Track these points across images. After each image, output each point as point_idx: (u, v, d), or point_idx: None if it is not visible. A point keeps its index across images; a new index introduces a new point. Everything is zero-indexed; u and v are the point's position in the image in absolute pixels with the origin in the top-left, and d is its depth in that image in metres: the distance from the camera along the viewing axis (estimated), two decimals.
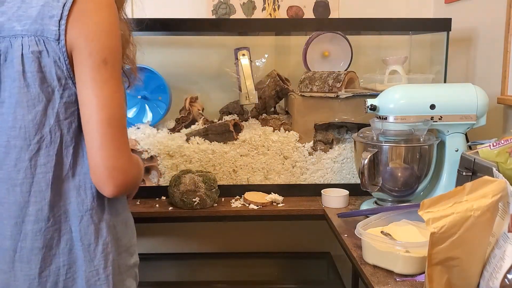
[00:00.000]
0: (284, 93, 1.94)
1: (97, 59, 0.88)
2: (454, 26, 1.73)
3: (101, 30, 0.89)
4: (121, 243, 1.04)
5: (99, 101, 0.89)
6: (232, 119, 1.80)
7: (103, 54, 0.89)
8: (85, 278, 0.98)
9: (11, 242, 0.96)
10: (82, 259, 0.98)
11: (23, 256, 0.96)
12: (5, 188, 0.95)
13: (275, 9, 2.21)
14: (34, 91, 0.91)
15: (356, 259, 1.22)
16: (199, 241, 2.36)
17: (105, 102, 0.89)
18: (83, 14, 0.89)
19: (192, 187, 1.62)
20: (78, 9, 0.89)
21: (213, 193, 1.65)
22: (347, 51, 1.95)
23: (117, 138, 0.90)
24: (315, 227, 2.29)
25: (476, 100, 1.46)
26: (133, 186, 1.04)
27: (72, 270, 0.98)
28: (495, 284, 0.91)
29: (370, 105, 1.47)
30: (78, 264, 0.98)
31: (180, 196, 1.62)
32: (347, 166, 1.78)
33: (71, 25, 0.89)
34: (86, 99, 0.89)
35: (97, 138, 0.89)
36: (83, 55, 0.89)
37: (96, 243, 0.98)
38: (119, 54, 0.93)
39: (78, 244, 0.97)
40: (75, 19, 0.89)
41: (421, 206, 0.93)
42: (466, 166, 1.25)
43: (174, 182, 1.64)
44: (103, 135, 0.89)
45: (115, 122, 0.90)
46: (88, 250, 0.98)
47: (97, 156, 0.90)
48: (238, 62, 1.79)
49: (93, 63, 0.89)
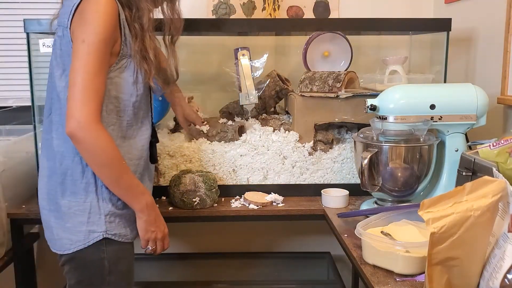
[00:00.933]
0: (284, 93, 1.94)
1: (78, 39, 1.20)
2: (454, 26, 1.73)
3: (85, 19, 1.21)
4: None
5: (72, 69, 1.20)
6: (238, 125, 1.80)
7: (82, 36, 1.20)
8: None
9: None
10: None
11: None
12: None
13: (275, 9, 2.21)
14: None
15: (356, 259, 1.22)
16: (199, 241, 2.36)
17: (75, 70, 1.19)
18: (81, 11, 1.22)
19: (192, 187, 1.62)
20: (80, 8, 1.23)
21: (213, 193, 1.65)
22: (347, 51, 1.95)
23: (78, 98, 1.17)
24: (315, 227, 2.29)
25: (476, 100, 1.46)
26: (85, 146, 1.20)
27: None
28: (495, 284, 0.91)
29: (370, 105, 1.47)
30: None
31: (180, 196, 1.62)
32: (347, 166, 1.78)
33: (74, 18, 1.23)
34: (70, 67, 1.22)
35: (68, 92, 1.19)
36: (74, 37, 1.23)
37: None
38: (99, 37, 1.20)
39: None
40: (77, 13, 1.23)
41: (421, 206, 0.93)
42: (466, 166, 1.25)
43: (174, 182, 1.64)
44: (71, 91, 1.19)
45: (79, 85, 1.18)
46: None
47: (67, 104, 1.19)
48: (238, 62, 1.79)
49: (75, 41, 1.21)
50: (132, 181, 1.29)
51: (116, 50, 1.27)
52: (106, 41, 1.21)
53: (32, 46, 1.68)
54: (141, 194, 1.30)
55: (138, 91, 1.32)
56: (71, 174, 1.27)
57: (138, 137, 1.36)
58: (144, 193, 1.31)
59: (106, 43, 1.22)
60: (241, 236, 2.35)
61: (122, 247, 1.32)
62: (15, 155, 1.77)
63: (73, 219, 1.27)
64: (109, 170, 1.24)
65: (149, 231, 1.33)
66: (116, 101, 1.29)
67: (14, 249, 1.69)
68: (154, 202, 1.34)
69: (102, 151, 1.21)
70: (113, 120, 1.29)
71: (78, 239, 1.27)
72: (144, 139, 1.38)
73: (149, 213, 1.31)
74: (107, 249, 1.29)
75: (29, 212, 1.64)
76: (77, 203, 1.27)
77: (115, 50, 1.26)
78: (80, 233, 1.27)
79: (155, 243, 1.36)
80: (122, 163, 1.25)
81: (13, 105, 2.20)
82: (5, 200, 1.63)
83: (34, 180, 1.74)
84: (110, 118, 1.28)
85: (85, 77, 1.18)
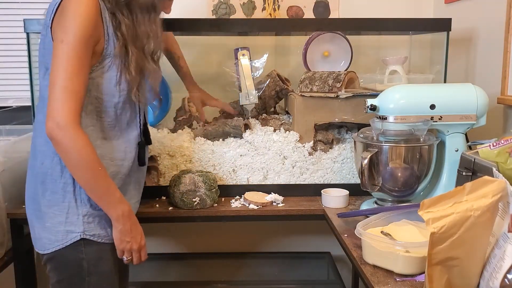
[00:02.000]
0: (284, 93, 1.94)
1: (58, 39, 1.19)
2: (454, 26, 1.73)
3: (65, 18, 1.20)
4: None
5: (52, 69, 1.18)
6: (243, 123, 1.80)
7: (61, 36, 1.18)
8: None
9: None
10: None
11: None
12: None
13: (275, 9, 2.21)
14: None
15: (356, 259, 1.22)
16: (199, 241, 2.36)
17: (55, 70, 1.18)
18: (61, 10, 1.21)
19: (192, 187, 1.62)
20: (60, 7, 1.21)
21: (213, 193, 1.65)
22: (347, 51, 1.95)
23: (58, 98, 1.16)
24: (315, 227, 2.29)
25: (476, 100, 1.46)
26: (62, 148, 1.18)
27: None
28: (495, 284, 0.91)
29: (370, 105, 1.47)
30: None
31: (180, 196, 1.62)
32: (347, 166, 1.78)
33: (55, 17, 1.22)
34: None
35: (49, 92, 1.18)
36: (54, 37, 1.22)
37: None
38: (77, 37, 1.18)
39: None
40: (58, 12, 1.21)
41: (421, 206, 0.93)
42: (466, 166, 1.25)
43: (174, 182, 1.64)
44: (50, 91, 1.18)
45: (58, 86, 1.17)
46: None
47: (47, 104, 1.18)
48: (238, 62, 1.79)
49: (55, 41, 1.20)
50: (109, 187, 1.25)
51: (99, 49, 1.24)
52: (85, 41, 1.19)
53: (32, 46, 1.68)
54: (118, 202, 1.27)
55: (121, 92, 1.29)
56: (51, 174, 1.27)
57: (122, 138, 1.34)
58: (122, 201, 1.28)
59: (85, 42, 1.19)
60: (241, 236, 2.35)
61: (102, 247, 1.30)
62: (15, 155, 1.76)
63: (52, 219, 1.27)
64: (84, 173, 1.21)
65: (124, 241, 1.29)
66: (96, 102, 1.27)
67: (14, 249, 1.69)
68: (131, 212, 1.31)
69: (78, 153, 1.18)
70: (93, 121, 1.28)
71: (56, 239, 1.27)
72: (129, 141, 1.36)
73: (124, 223, 1.28)
74: (86, 250, 1.28)
75: None
76: (56, 203, 1.27)
77: (98, 49, 1.24)
78: (58, 233, 1.27)
79: (131, 253, 1.32)
80: (98, 168, 1.22)
81: (13, 105, 2.20)
82: (5, 200, 1.63)
83: None
84: (89, 118, 1.27)
85: (64, 77, 1.17)
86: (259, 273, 2.30)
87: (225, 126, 1.81)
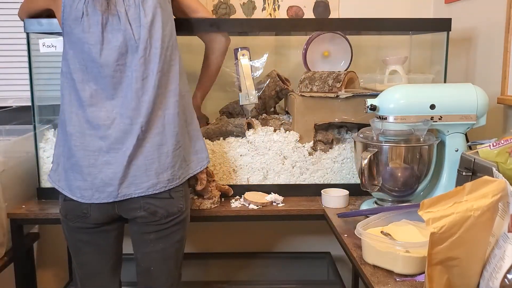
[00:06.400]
0: (284, 93, 1.94)
1: None
2: (454, 26, 1.73)
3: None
4: None
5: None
6: (246, 122, 1.80)
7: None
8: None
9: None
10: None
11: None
12: None
13: (275, 9, 2.21)
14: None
15: (356, 259, 1.22)
16: (199, 241, 2.36)
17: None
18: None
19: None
20: None
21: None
22: (347, 51, 1.95)
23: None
24: (315, 227, 2.29)
25: (476, 100, 1.46)
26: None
27: None
28: (495, 284, 0.91)
29: (370, 105, 1.47)
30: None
31: None
32: (347, 166, 1.78)
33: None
34: None
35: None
36: None
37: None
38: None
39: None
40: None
41: (421, 206, 0.93)
42: (466, 166, 1.25)
43: None
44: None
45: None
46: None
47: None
48: (238, 62, 1.79)
49: None
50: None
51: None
52: None
53: (32, 46, 1.68)
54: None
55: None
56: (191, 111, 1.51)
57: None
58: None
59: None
60: (241, 236, 2.35)
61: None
62: (15, 155, 1.77)
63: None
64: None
65: None
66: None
67: (14, 249, 1.69)
68: None
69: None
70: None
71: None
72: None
73: None
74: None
75: (29, 212, 1.64)
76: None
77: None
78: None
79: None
80: None
81: (13, 105, 2.20)
82: (5, 200, 1.63)
83: (34, 180, 1.75)
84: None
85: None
86: (259, 273, 2.29)
87: (228, 125, 1.81)
